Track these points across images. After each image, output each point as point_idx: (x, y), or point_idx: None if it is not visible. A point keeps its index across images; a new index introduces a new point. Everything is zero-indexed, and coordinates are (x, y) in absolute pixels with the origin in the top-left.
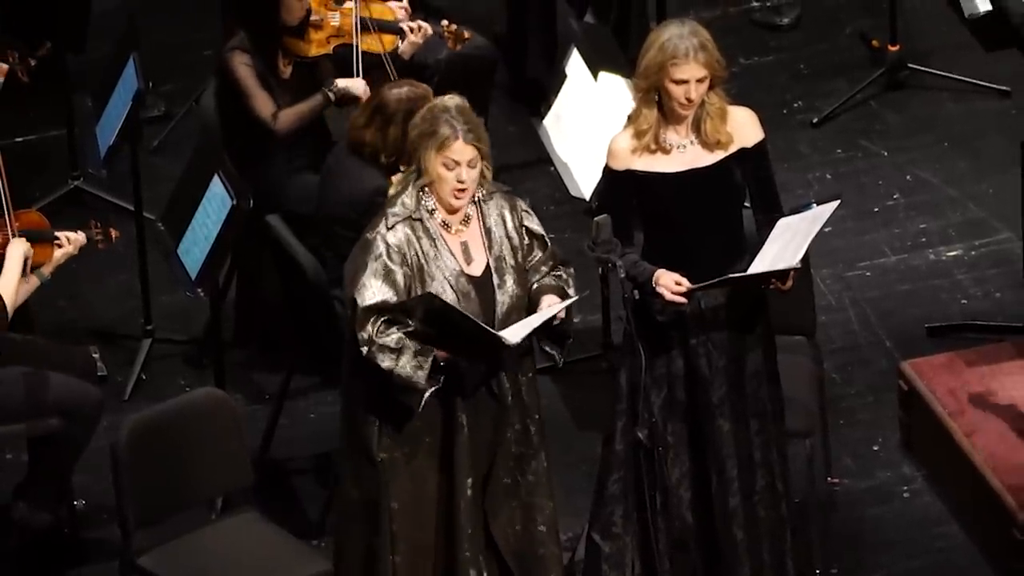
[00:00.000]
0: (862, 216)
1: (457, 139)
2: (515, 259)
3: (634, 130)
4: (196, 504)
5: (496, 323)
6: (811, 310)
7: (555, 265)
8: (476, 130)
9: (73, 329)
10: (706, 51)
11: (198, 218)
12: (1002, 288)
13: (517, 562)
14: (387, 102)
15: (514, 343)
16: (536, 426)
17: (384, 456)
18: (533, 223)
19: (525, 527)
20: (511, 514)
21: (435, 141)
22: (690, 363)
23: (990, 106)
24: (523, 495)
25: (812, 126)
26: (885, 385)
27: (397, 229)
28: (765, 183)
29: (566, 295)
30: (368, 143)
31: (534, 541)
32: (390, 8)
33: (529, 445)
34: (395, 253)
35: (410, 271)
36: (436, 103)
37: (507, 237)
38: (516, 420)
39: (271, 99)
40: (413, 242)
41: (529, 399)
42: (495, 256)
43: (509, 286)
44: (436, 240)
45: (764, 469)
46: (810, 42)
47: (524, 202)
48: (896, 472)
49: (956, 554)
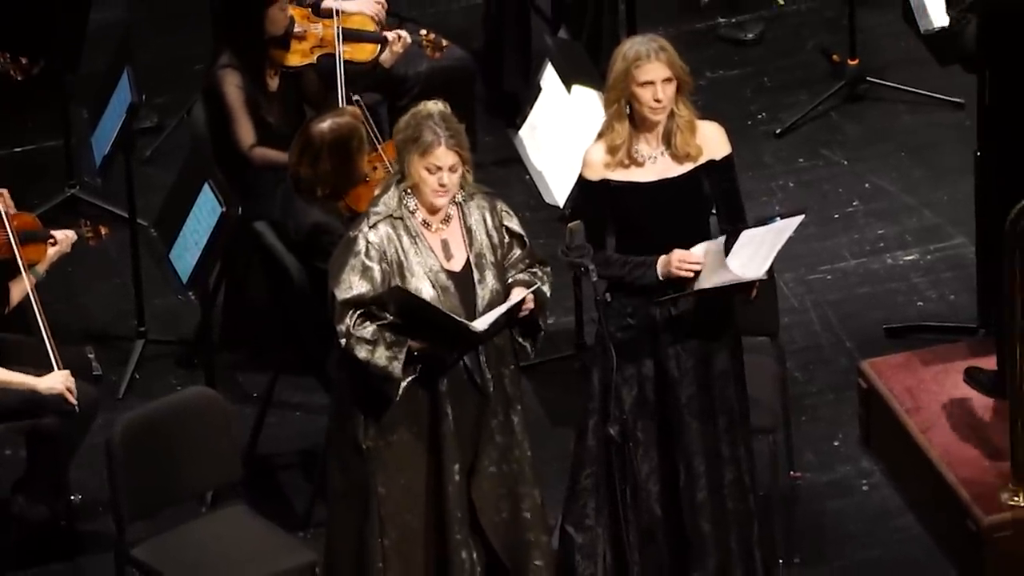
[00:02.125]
0: (823, 222)
1: (440, 145)
2: (494, 256)
3: (607, 144)
4: (187, 498)
5: (476, 316)
6: (775, 312)
7: (532, 263)
8: (458, 136)
9: (69, 331)
10: (667, 52)
11: (189, 225)
12: (956, 291)
13: (506, 550)
14: (312, 138)
15: (481, 330)
16: (519, 416)
17: (371, 444)
18: (512, 223)
19: (512, 514)
20: (497, 503)
21: (418, 147)
22: (659, 364)
23: (945, 118)
24: (508, 483)
25: (775, 137)
26: (845, 383)
27: (378, 227)
28: (731, 195)
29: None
30: (303, 178)
31: (521, 527)
32: (370, 19)
33: (512, 435)
34: (374, 251)
35: (389, 267)
36: (420, 109)
37: (487, 236)
38: (499, 411)
39: (253, 129)
40: (394, 240)
41: (511, 390)
42: (475, 253)
43: (488, 282)
44: (417, 238)
45: (732, 464)
46: (773, 57)
47: (504, 203)
48: (856, 467)
49: (913, 545)
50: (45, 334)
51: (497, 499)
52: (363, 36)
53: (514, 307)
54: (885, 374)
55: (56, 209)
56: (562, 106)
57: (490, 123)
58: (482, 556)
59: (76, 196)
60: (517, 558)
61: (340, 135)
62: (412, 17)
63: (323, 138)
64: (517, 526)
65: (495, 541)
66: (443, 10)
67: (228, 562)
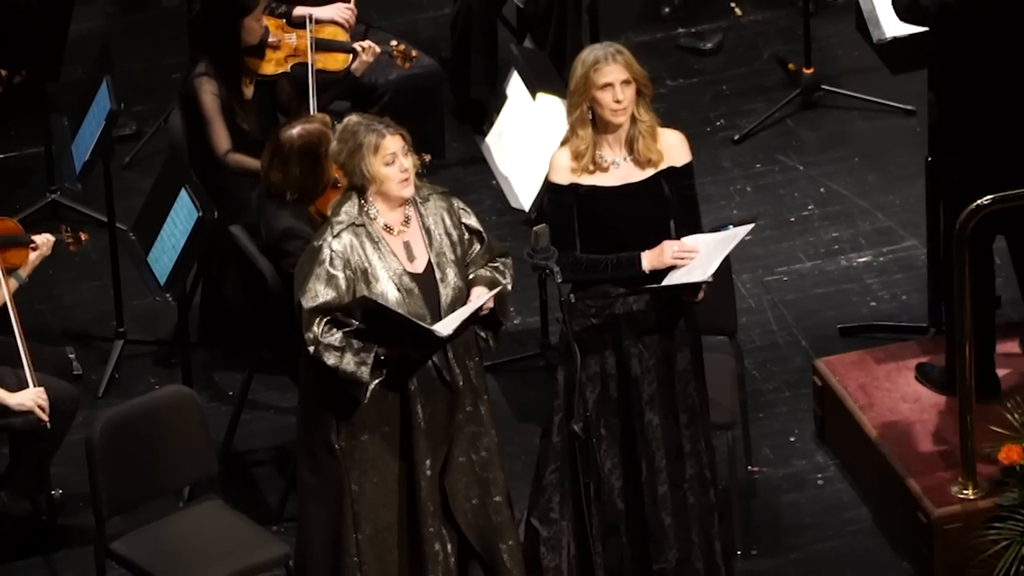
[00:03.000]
0: (780, 225)
1: (384, 136)
2: (455, 254)
3: (572, 150)
4: (164, 493)
5: (441, 314)
6: (733, 312)
7: (492, 257)
8: (391, 123)
9: (51, 331)
10: (623, 55)
11: (167, 228)
12: (908, 291)
13: (476, 535)
14: (281, 143)
15: (446, 335)
16: (485, 406)
17: (343, 444)
18: (470, 219)
19: (481, 500)
20: (468, 490)
21: (368, 148)
22: (622, 362)
23: (897, 124)
24: (478, 471)
25: (734, 143)
26: (801, 381)
27: (342, 236)
28: (689, 201)
29: (498, 284)
30: (274, 183)
31: (490, 511)
32: (342, 29)
33: (480, 423)
34: (338, 259)
35: (353, 274)
36: (345, 124)
37: (446, 234)
38: (468, 402)
39: (228, 135)
40: (357, 247)
41: (477, 381)
42: (435, 252)
43: (451, 279)
44: (379, 243)
45: (693, 459)
46: (731, 65)
47: (461, 200)
48: (811, 461)
49: (866, 536)
50: (22, 349)
51: (467, 486)
52: (335, 46)
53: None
54: (839, 372)
55: (38, 214)
56: (527, 113)
57: (458, 129)
58: (455, 547)
59: (57, 201)
60: (488, 541)
61: (309, 141)
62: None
63: (292, 144)
64: (487, 511)
65: (466, 527)
66: (412, 19)
67: (204, 555)
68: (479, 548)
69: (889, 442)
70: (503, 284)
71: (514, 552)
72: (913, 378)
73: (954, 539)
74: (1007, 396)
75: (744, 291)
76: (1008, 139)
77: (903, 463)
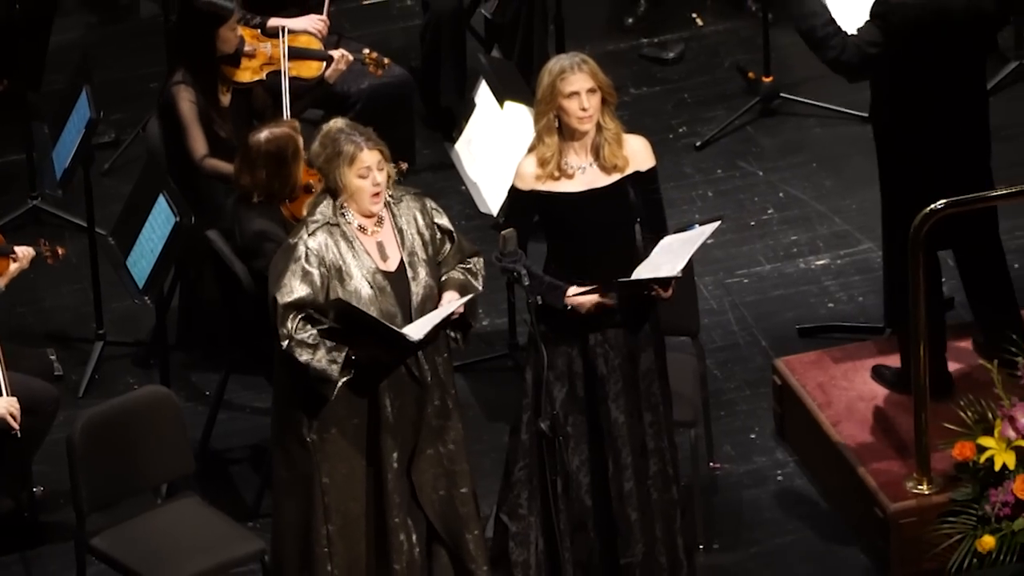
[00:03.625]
0: (740, 229)
1: (362, 149)
2: (426, 253)
3: (538, 157)
4: (143, 490)
5: (412, 311)
6: (695, 313)
7: (464, 257)
8: (372, 137)
9: (32, 334)
10: (588, 64)
11: (145, 233)
12: (864, 293)
13: (443, 525)
14: (250, 147)
15: (417, 340)
16: (452, 400)
17: (314, 437)
18: (442, 220)
19: (448, 491)
20: (435, 482)
21: (344, 158)
22: (588, 362)
23: (853, 131)
24: (445, 463)
25: (695, 149)
26: (761, 380)
27: (317, 235)
28: (654, 205)
29: (470, 286)
30: (243, 186)
31: (456, 502)
32: (313, 37)
33: (448, 417)
34: (313, 256)
35: (327, 271)
36: (327, 129)
37: (418, 234)
38: (436, 396)
39: (205, 141)
40: (331, 246)
41: (445, 376)
42: (408, 252)
43: (422, 278)
44: (353, 242)
45: (656, 456)
46: (693, 74)
47: (432, 201)
48: (771, 458)
49: (824, 531)
50: None
51: (435, 478)
52: (308, 54)
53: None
54: (798, 371)
55: (19, 219)
56: (495, 121)
57: (428, 137)
58: (422, 538)
59: (38, 207)
60: (454, 531)
61: (276, 144)
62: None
63: (260, 147)
64: (454, 502)
65: (433, 516)
66: (383, 30)
67: (182, 550)
68: (445, 537)
69: (846, 439)
70: (474, 286)
71: (479, 542)
72: (869, 377)
73: (909, 533)
74: (960, 394)
75: (706, 293)
76: (942, 150)
77: (860, 459)
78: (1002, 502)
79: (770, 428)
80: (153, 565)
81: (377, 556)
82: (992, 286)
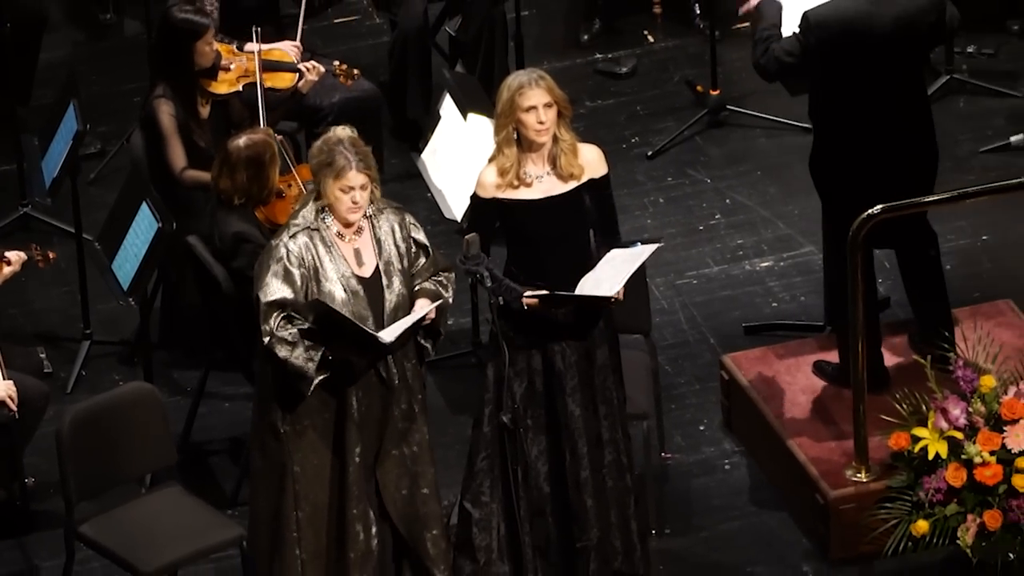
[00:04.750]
0: (689, 233)
1: (351, 169)
2: (402, 264)
3: (498, 167)
4: (128, 480)
5: (385, 317)
6: (647, 312)
7: (436, 271)
8: (366, 159)
9: (23, 333)
10: (545, 80)
11: (129, 239)
12: (806, 293)
13: (404, 523)
14: (229, 153)
15: (389, 341)
16: (419, 405)
17: (288, 429)
18: (419, 235)
19: (410, 491)
20: (398, 481)
21: (332, 171)
22: (547, 359)
23: (795, 141)
24: (408, 464)
25: (647, 158)
26: (709, 375)
27: (297, 237)
28: (607, 210)
29: (441, 297)
30: (223, 190)
31: (417, 501)
32: (287, 52)
33: (413, 421)
34: (294, 257)
35: (307, 272)
36: (331, 136)
37: (395, 246)
38: (402, 400)
39: (184, 154)
40: (311, 248)
41: (413, 382)
42: (384, 261)
43: (396, 287)
44: (331, 247)
45: (611, 446)
46: (644, 88)
47: (412, 217)
48: (719, 448)
49: (769, 516)
50: None
51: (398, 477)
52: (282, 66)
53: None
54: (744, 367)
55: (10, 226)
56: (459, 132)
57: (396, 147)
58: (385, 531)
59: (28, 214)
60: (414, 529)
61: (254, 149)
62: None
63: (239, 152)
64: (415, 501)
65: (394, 514)
66: (353, 47)
67: (165, 537)
68: (405, 534)
69: (789, 430)
70: (445, 297)
71: (437, 541)
72: (811, 372)
73: (848, 518)
74: (895, 387)
75: (657, 293)
76: (878, 159)
77: (802, 449)
78: (935, 489)
79: (718, 420)
80: (138, 551)
81: (337, 543)
82: (928, 286)
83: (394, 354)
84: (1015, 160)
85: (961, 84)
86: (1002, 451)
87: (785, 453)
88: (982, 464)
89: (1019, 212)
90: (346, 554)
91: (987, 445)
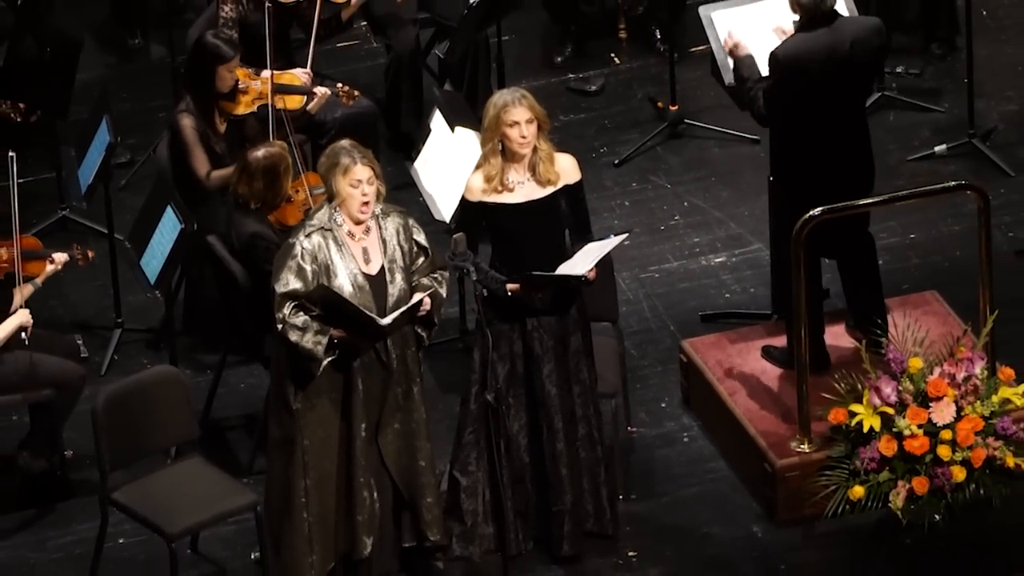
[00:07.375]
0: (652, 232)
1: (356, 163)
2: (404, 263)
3: (484, 174)
4: (155, 452)
5: (387, 310)
6: (615, 303)
7: (434, 270)
8: (368, 156)
9: (62, 322)
10: (527, 99)
11: (155, 238)
12: (755, 285)
13: (404, 486)
14: (249, 162)
15: (386, 324)
16: (417, 387)
17: (299, 406)
18: (420, 237)
19: (409, 462)
20: (398, 452)
21: (340, 169)
22: (526, 344)
23: (745, 151)
24: (408, 438)
25: (614, 166)
26: (670, 358)
27: (312, 236)
28: (581, 212)
29: (436, 290)
30: (241, 195)
31: (416, 472)
32: (298, 76)
33: (412, 401)
34: (307, 254)
35: (319, 268)
36: (334, 145)
37: (399, 246)
38: (402, 382)
39: (207, 160)
40: (323, 246)
41: (411, 367)
42: (388, 259)
43: (398, 283)
44: (342, 246)
45: (584, 422)
46: (611, 104)
47: (414, 220)
48: (679, 423)
49: (723, 483)
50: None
51: (398, 449)
52: (293, 89)
53: (414, 307)
54: (701, 351)
55: (50, 228)
56: (447, 143)
57: (391, 156)
58: (387, 497)
59: (66, 217)
60: (413, 495)
61: (271, 160)
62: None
63: (258, 162)
64: (413, 470)
65: (398, 479)
66: (353, 68)
67: (188, 502)
68: (405, 494)
69: (741, 407)
70: (439, 290)
71: (431, 508)
72: (760, 355)
73: (793, 484)
74: (835, 369)
75: (624, 286)
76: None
77: (752, 423)
78: (869, 458)
79: (678, 398)
80: (164, 515)
81: (345, 507)
82: (864, 279)
83: (394, 341)
84: (939, 168)
85: (891, 100)
86: (928, 424)
87: (737, 427)
88: (911, 436)
89: (943, 213)
90: (354, 517)
91: (915, 419)
